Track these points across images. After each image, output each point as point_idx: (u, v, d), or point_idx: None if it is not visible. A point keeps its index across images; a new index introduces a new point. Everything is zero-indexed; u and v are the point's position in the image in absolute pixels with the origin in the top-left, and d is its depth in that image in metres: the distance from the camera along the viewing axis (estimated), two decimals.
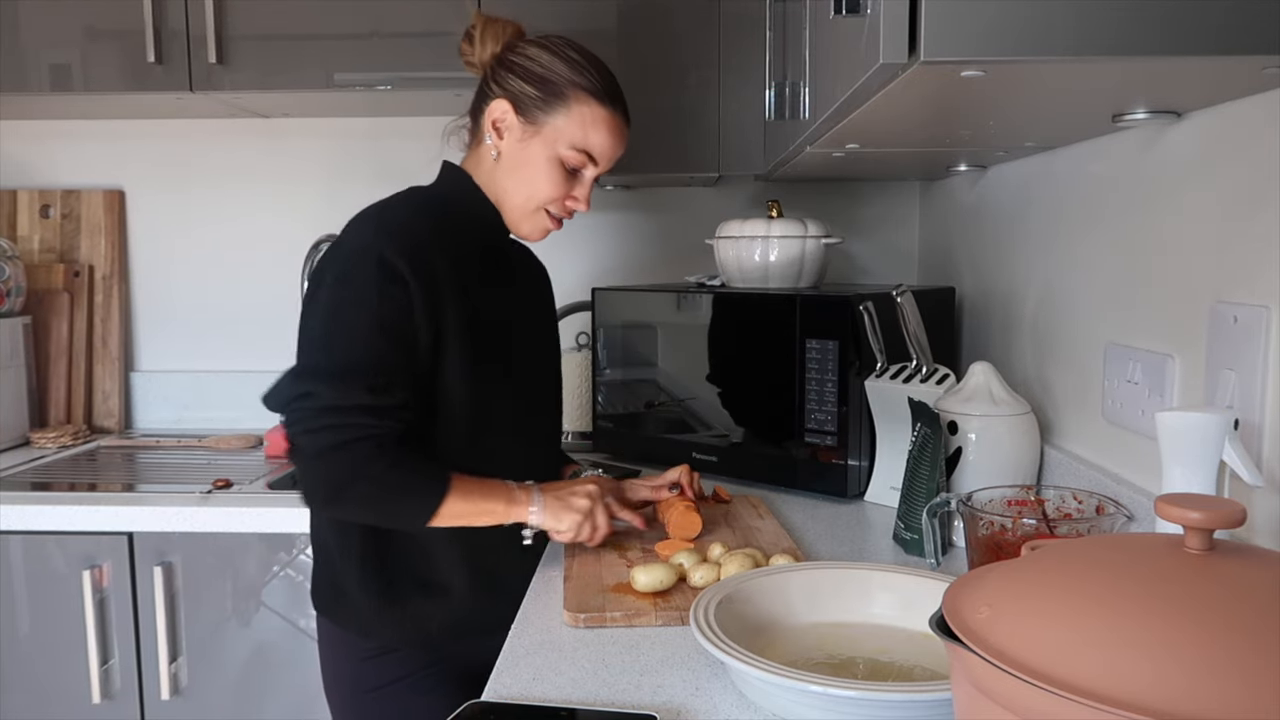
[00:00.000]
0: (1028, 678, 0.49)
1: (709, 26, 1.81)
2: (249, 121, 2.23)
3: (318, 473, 1.10)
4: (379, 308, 1.11)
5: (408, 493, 1.13)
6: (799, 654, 0.94)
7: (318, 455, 1.09)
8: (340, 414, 1.08)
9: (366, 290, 1.11)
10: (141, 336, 2.30)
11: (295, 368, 1.13)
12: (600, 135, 1.24)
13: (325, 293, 1.13)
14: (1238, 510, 0.56)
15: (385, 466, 1.10)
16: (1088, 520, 1.07)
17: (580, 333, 2.09)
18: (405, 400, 1.12)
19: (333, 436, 1.08)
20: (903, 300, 1.45)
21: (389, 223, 1.17)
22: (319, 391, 1.09)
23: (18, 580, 1.67)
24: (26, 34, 1.84)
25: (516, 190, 1.25)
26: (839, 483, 1.54)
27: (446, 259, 1.18)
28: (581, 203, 1.28)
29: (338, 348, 1.11)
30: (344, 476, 1.09)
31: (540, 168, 1.23)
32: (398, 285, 1.12)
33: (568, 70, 1.22)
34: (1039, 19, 0.72)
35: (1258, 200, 0.93)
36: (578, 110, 1.22)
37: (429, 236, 1.18)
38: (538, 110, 1.22)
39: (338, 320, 1.12)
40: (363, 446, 1.09)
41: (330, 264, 1.15)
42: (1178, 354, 1.08)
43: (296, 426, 1.10)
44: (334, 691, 1.28)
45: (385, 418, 1.10)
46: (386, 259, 1.12)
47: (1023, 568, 0.60)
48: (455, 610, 1.23)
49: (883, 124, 1.10)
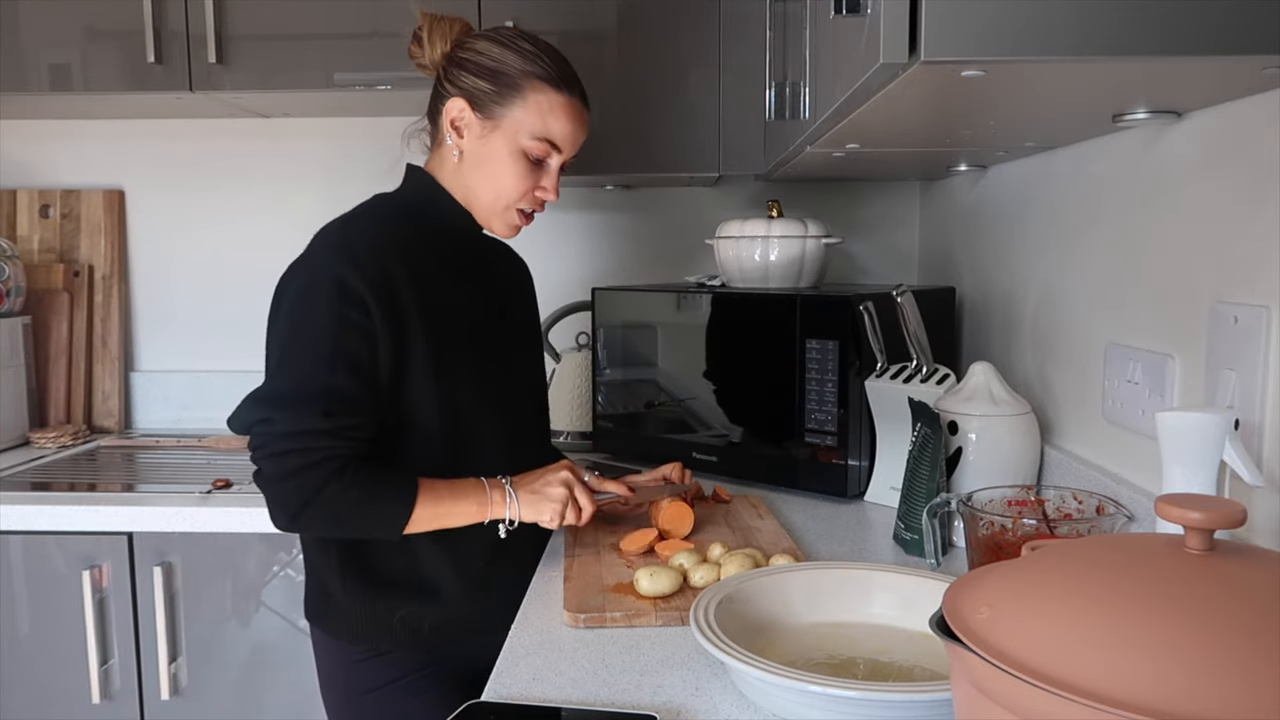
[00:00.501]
0: (1028, 678, 0.49)
1: (709, 26, 1.81)
2: (249, 121, 2.23)
3: (280, 495, 1.12)
4: (338, 333, 1.11)
5: (375, 505, 1.14)
6: (799, 654, 0.94)
7: (279, 479, 1.11)
8: (296, 439, 1.10)
9: (326, 315, 1.11)
10: (141, 336, 2.30)
11: (253, 393, 1.14)
12: (560, 122, 1.23)
13: (285, 315, 1.14)
14: (1238, 510, 0.56)
15: (346, 485, 1.11)
16: (1088, 520, 1.07)
17: (580, 333, 2.09)
18: (361, 423, 1.13)
19: (293, 461, 1.10)
20: (903, 300, 1.45)
21: (352, 242, 1.17)
22: (275, 417, 1.10)
23: (18, 580, 1.67)
24: (26, 34, 1.84)
25: (484, 188, 1.24)
26: (839, 483, 1.54)
27: (412, 272, 1.18)
28: (550, 192, 1.27)
29: (293, 374, 1.12)
30: (306, 497, 1.10)
31: (504, 162, 1.22)
32: (357, 310, 1.12)
33: (520, 60, 1.21)
34: (1039, 19, 0.72)
35: (1258, 200, 0.93)
36: (534, 99, 1.21)
37: (393, 251, 1.17)
38: (494, 104, 1.21)
39: (294, 345, 1.12)
40: (323, 468, 1.10)
41: (291, 282, 1.15)
42: (1178, 354, 1.08)
43: (258, 452, 1.12)
44: (329, 696, 1.28)
45: (343, 438, 1.11)
46: (347, 284, 1.12)
47: (1023, 568, 0.60)
48: (446, 611, 1.23)
49: (883, 124, 1.10)
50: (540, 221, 2.23)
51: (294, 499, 1.11)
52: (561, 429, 2.00)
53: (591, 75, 1.84)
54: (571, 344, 2.11)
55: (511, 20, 1.78)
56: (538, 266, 2.23)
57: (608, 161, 1.86)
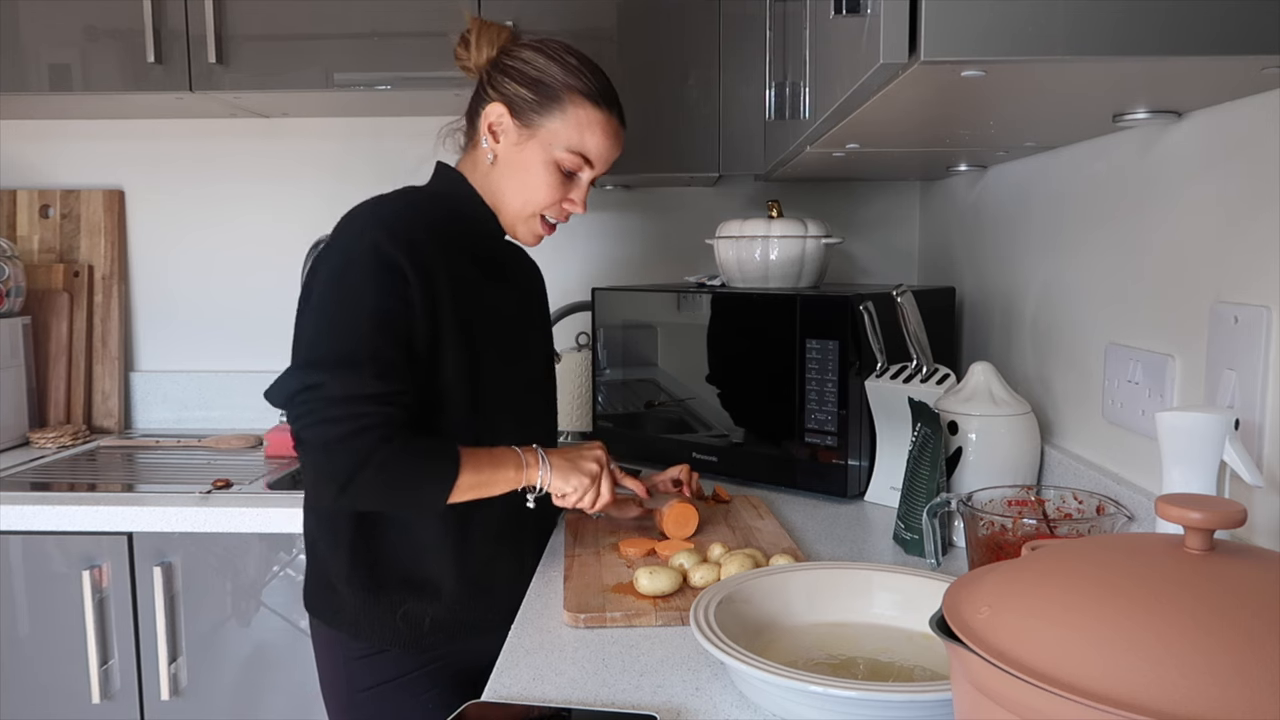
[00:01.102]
0: (1028, 678, 0.49)
1: (709, 26, 1.82)
2: (249, 121, 2.23)
3: (330, 464, 1.09)
4: (377, 299, 1.11)
5: (421, 474, 1.13)
6: (799, 654, 0.94)
7: (328, 446, 1.08)
8: (348, 404, 1.08)
9: (364, 282, 1.11)
10: (141, 336, 2.30)
11: (298, 360, 1.12)
12: (596, 138, 1.24)
13: (322, 286, 1.13)
14: (1238, 510, 0.56)
15: (395, 451, 1.10)
16: (1088, 520, 1.07)
17: (580, 333, 2.09)
18: (408, 389, 1.13)
19: (342, 427, 1.08)
20: (903, 300, 1.45)
21: (384, 216, 1.17)
22: (324, 382, 1.08)
23: (18, 580, 1.67)
24: (26, 34, 1.84)
25: (514, 194, 1.26)
26: (839, 483, 1.54)
27: (441, 254, 1.19)
28: (578, 205, 1.28)
29: (339, 338, 1.11)
30: (355, 465, 1.08)
31: (536, 171, 1.24)
32: (395, 276, 1.12)
33: (563, 73, 1.22)
34: (1039, 19, 0.72)
35: (1258, 200, 0.93)
36: (573, 113, 1.22)
37: (424, 231, 1.18)
38: (533, 113, 1.22)
39: (337, 312, 1.12)
40: (372, 435, 1.08)
41: (326, 259, 1.15)
42: (1178, 354, 1.08)
43: (304, 419, 1.09)
44: (329, 692, 1.28)
45: (391, 404, 1.10)
46: (383, 250, 1.12)
47: (1023, 568, 0.59)
48: (447, 610, 1.23)
49: (883, 124, 1.10)
50: None
51: (346, 466, 1.08)
52: (561, 429, 2.00)
53: None
54: (571, 344, 2.11)
55: (512, 20, 1.78)
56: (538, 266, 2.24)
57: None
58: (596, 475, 1.22)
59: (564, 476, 1.21)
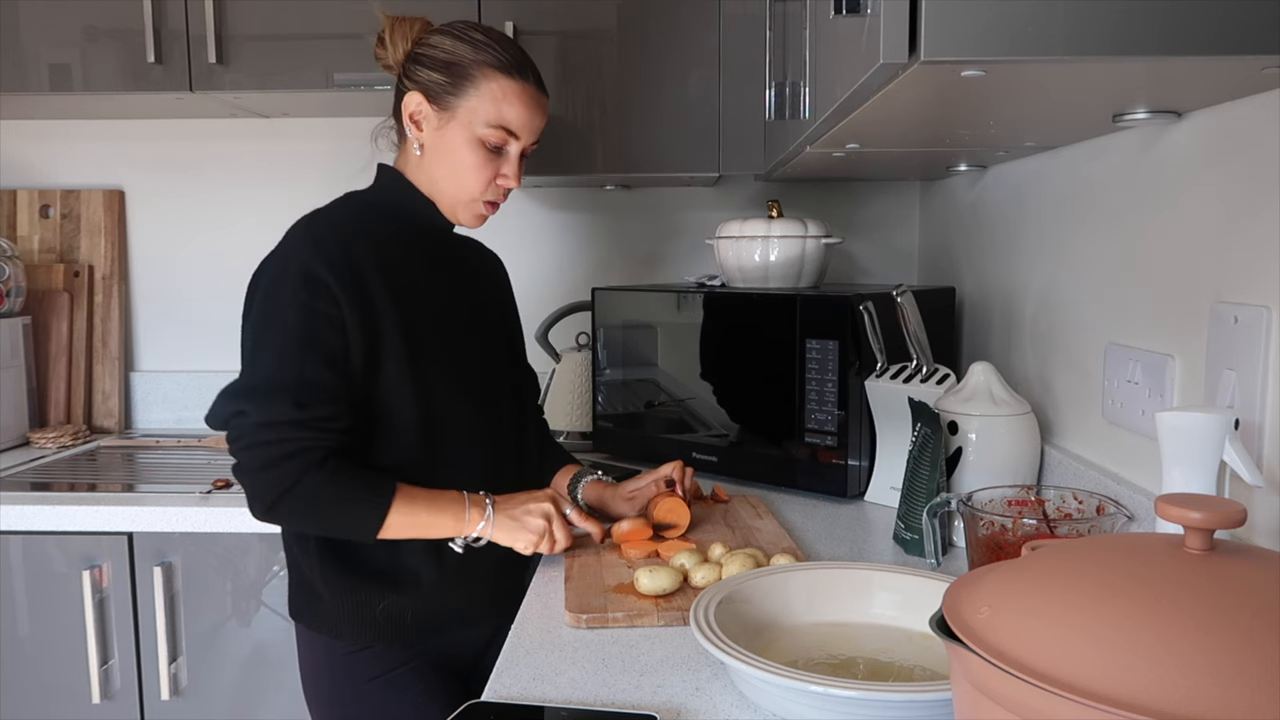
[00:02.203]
0: (1028, 678, 0.49)
1: (709, 26, 1.81)
2: (249, 121, 2.23)
3: (257, 486, 1.13)
4: (304, 323, 1.12)
5: (350, 505, 1.14)
6: (799, 654, 0.94)
7: (256, 469, 1.12)
8: (271, 429, 1.11)
9: (292, 306, 1.12)
10: (141, 336, 2.30)
11: (227, 387, 1.15)
12: (514, 108, 1.24)
13: (256, 308, 1.15)
14: (1238, 510, 0.56)
15: (322, 480, 1.12)
16: (1088, 520, 1.07)
17: (580, 333, 2.09)
18: (335, 413, 1.14)
19: (267, 452, 1.11)
20: (903, 300, 1.45)
21: (318, 234, 1.18)
22: (248, 409, 1.11)
23: (18, 580, 1.67)
24: (26, 34, 1.84)
25: (447, 180, 1.26)
26: (839, 483, 1.54)
27: (381, 261, 1.19)
28: (512, 179, 1.27)
29: (265, 366, 1.13)
30: (282, 489, 1.11)
31: (462, 152, 1.24)
32: (324, 300, 1.13)
33: (471, 50, 1.23)
34: (1039, 19, 0.72)
35: (1258, 200, 0.93)
36: (486, 87, 1.22)
37: (362, 241, 1.19)
38: (448, 95, 1.23)
39: (264, 337, 1.14)
40: (299, 460, 1.11)
41: (261, 278, 1.17)
42: (1178, 354, 1.08)
43: (235, 444, 1.13)
44: (314, 694, 1.27)
45: (317, 430, 1.12)
46: (313, 273, 1.13)
47: (1023, 568, 0.60)
48: (428, 601, 1.23)
49: (883, 124, 1.10)
50: (541, 221, 2.25)
51: (270, 490, 1.11)
52: (561, 429, 2.00)
53: (591, 75, 1.85)
54: (571, 344, 2.11)
55: (511, 21, 1.78)
56: (538, 266, 2.25)
57: (608, 161, 1.86)
58: (543, 530, 1.21)
59: (509, 533, 1.20)
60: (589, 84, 1.84)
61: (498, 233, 2.04)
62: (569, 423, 2.01)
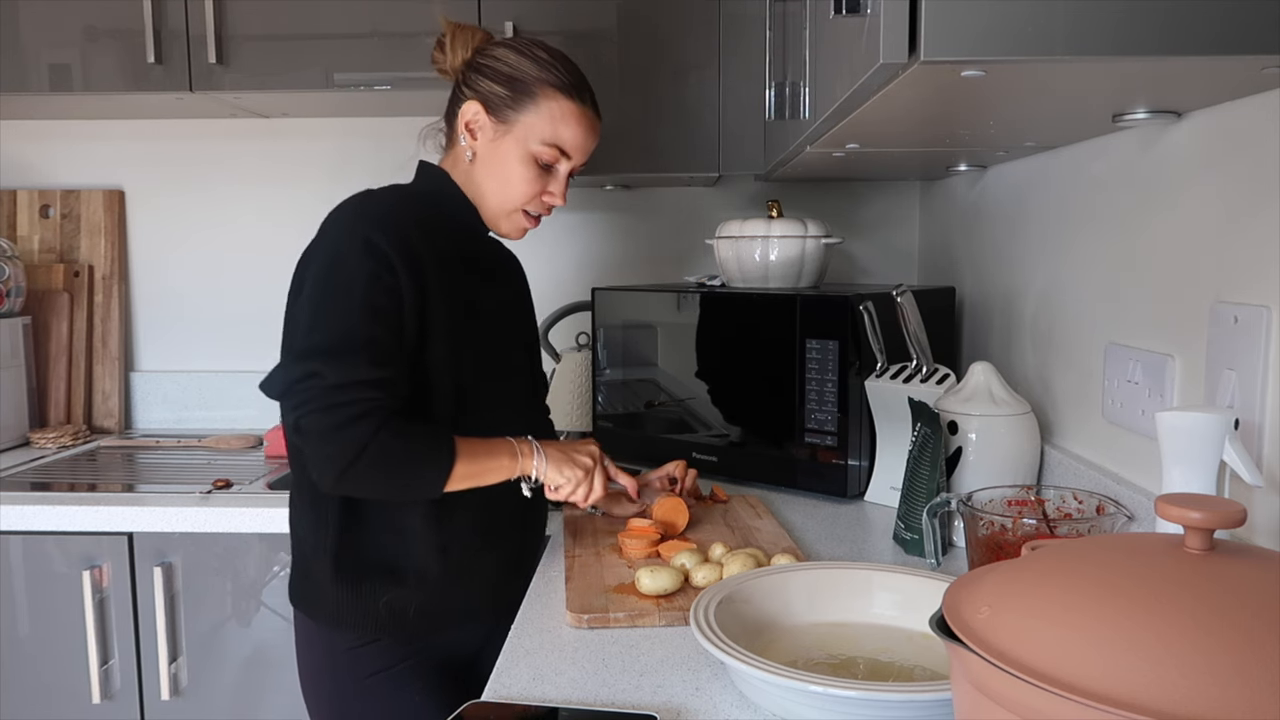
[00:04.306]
0: (1028, 678, 0.49)
1: (709, 26, 1.82)
2: (249, 121, 2.23)
3: (329, 450, 1.10)
4: (369, 289, 1.13)
5: (418, 460, 1.14)
6: (799, 654, 0.94)
7: (327, 433, 1.10)
8: (346, 390, 1.10)
9: (356, 273, 1.13)
10: (141, 336, 2.30)
11: (294, 350, 1.14)
12: (570, 129, 1.26)
13: (314, 279, 1.15)
14: (1238, 510, 0.56)
15: (392, 436, 1.11)
16: (1088, 520, 1.07)
17: (580, 333, 2.08)
18: (402, 376, 1.15)
19: (341, 414, 1.10)
20: (903, 300, 1.45)
21: (374, 211, 1.19)
22: (323, 370, 1.10)
23: (18, 580, 1.67)
24: (26, 34, 1.84)
25: (494, 190, 1.27)
26: (839, 483, 1.54)
27: (430, 250, 1.20)
28: (558, 197, 1.30)
29: (334, 327, 1.12)
30: (355, 451, 1.10)
31: (514, 165, 1.26)
32: (385, 268, 1.14)
33: (535, 68, 1.25)
34: (1039, 19, 0.72)
35: (1258, 200, 0.93)
36: (546, 106, 1.24)
37: (414, 226, 1.20)
38: (508, 109, 1.24)
39: (331, 303, 1.13)
40: (371, 420, 1.10)
41: (317, 252, 1.17)
42: (1178, 354, 1.08)
43: (304, 408, 1.11)
44: (312, 692, 1.27)
45: (388, 390, 1.12)
46: (373, 242, 1.14)
47: (1023, 568, 0.60)
48: (431, 595, 1.23)
49: (883, 124, 1.10)
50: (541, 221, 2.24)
51: (346, 452, 1.09)
52: (561, 429, 2.00)
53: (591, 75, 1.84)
54: (571, 344, 2.11)
55: (511, 21, 1.78)
56: (538, 266, 2.24)
57: (608, 161, 1.86)
58: (590, 469, 1.25)
59: (558, 468, 1.23)
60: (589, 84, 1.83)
61: None
62: (569, 423, 2.01)
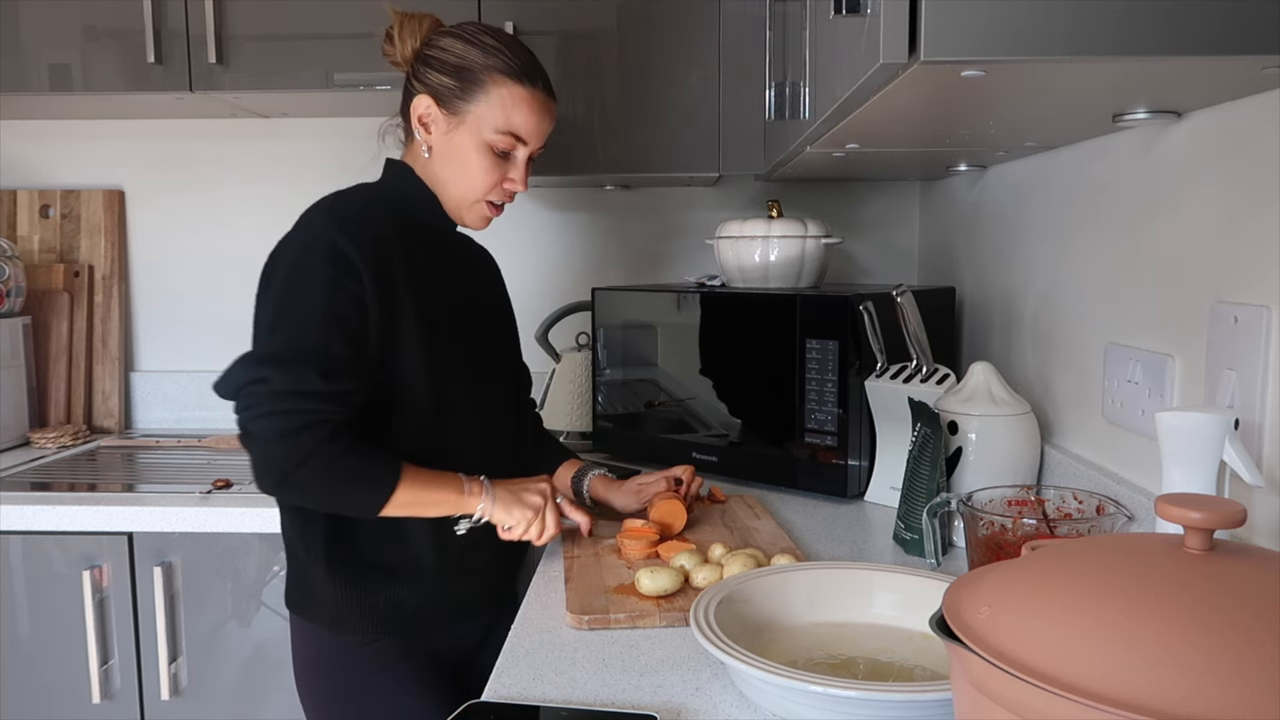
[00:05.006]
0: (1028, 678, 0.49)
1: (709, 26, 1.81)
2: (249, 121, 2.23)
3: (270, 456, 1.11)
4: (330, 296, 1.12)
5: (359, 479, 1.14)
6: (799, 654, 0.94)
7: (271, 439, 1.10)
8: (293, 399, 1.10)
9: (318, 279, 1.12)
10: (141, 336, 2.30)
11: (247, 354, 1.14)
12: (523, 114, 1.24)
13: (278, 282, 1.15)
14: (1238, 510, 0.56)
15: (337, 451, 1.11)
16: (1088, 520, 1.07)
17: (580, 333, 2.09)
18: (354, 389, 1.14)
19: (286, 421, 1.10)
20: (903, 300, 1.45)
21: (341, 213, 1.18)
22: (271, 377, 1.10)
23: (18, 580, 1.67)
24: (26, 34, 1.84)
25: (454, 182, 1.26)
26: (839, 483, 1.54)
27: (401, 251, 1.20)
28: (519, 184, 1.28)
29: (290, 334, 1.12)
30: (296, 460, 1.10)
31: (470, 156, 1.24)
32: (349, 275, 1.13)
33: (481, 55, 1.23)
34: (1039, 19, 0.72)
35: (1258, 200, 0.93)
36: (496, 93, 1.22)
37: (382, 226, 1.19)
38: (458, 100, 1.23)
39: (290, 308, 1.13)
40: (316, 431, 1.10)
41: (282, 254, 1.16)
42: (1178, 354, 1.08)
43: (249, 412, 1.11)
44: (310, 692, 1.27)
45: (337, 403, 1.12)
46: (339, 248, 1.13)
47: (1023, 568, 0.60)
48: (429, 592, 1.23)
49: (883, 124, 1.10)
50: (540, 221, 2.25)
51: (286, 460, 1.10)
52: (561, 429, 2.00)
53: (591, 75, 1.85)
54: (571, 344, 2.11)
55: (511, 21, 1.78)
56: (538, 266, 2.25)
57: (608, 161, 1.86)
58: (540, 508, 1.22)
59: (506, 509, 1.21)
60: (589, 84, 1.84)
61: (498, 232, 2.04)
62: (569, 423, 2.01)
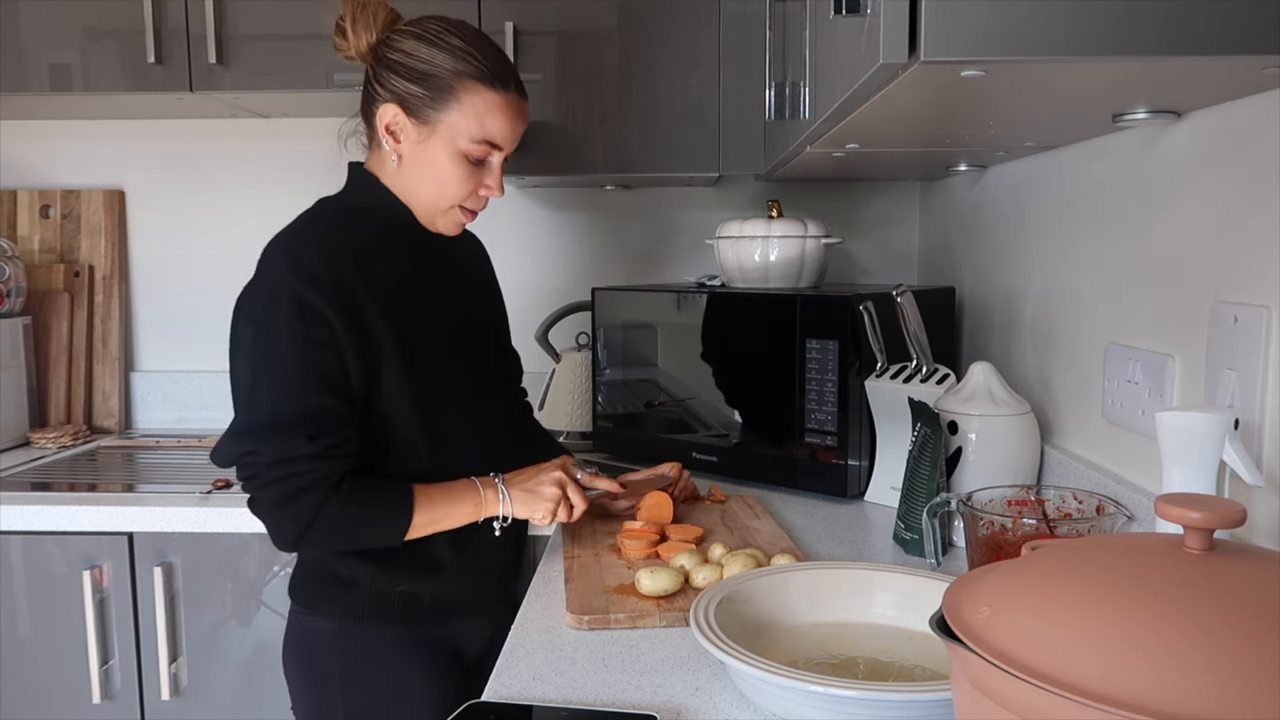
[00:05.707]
0: (1028, 678, 0.49)
1: (709, 26, 1.81)
2: (249, 121, 2.23)
3: (277, 523, 1.13)
4: (303, 353, 1.10)
5: (373, 519, 1.15)
6: (799, 654, 0.94)
7: (274, 505, 1.12)
8: (285, 465, 1.10)
9: (288, 336, 1.10)
10: (141, 336, 2.30)
11: (233, 427, 1.13)
12: (498, 121, 1.19)
13: (249, 343, 1.13)
14: (1238, 510, 0.56)
15: (342, 503, 1.12)
16: (1088, 520, 1.07)
17: (580, 333, 2.08)
18: (347, 438, 1.14)
19: (282, 489, 1.11)
20: (903, 300, 1.45)
21: (299, 255, 1.14)
22: (260, 449, 1.10)
23: (18, 580, 1.67)
24: (26, 34, 1.84)
25: (426, 192, 1.22)
26: (839, 483, 1.54)
27: (367, 275, 1.16)
28: (495, 189, 1.24)
29: (270, 402, 1.11)
30: (302, 523, 1.12)
31: (444, 167, 1.19)
32: (318, 325, 1.11)
33: (450, 60, 1.16)
34: (1038, 19, 0.72)
35: (1258, 200, 0.93)
36: (469, 101, 1.16)
37: (345, 258, 1.15)
38: (428, 109, 1.17)
39: (266, 373, 1.11)
40: (316, 490, 1.11)
41: (250, 310, 1.14)
42: (1178, 354, 1.08)
43: (250, 483, 1.13)
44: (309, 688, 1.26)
45: (330, 459, 1.12)
46: (303, 300, 1.10)
47: (1023, 568, 0.60)
48: (443, 586, 1.24)
49: (883, 124, 1.10)
50: (540, 221, 2.25)
51: (293, 525, 1.12)
52: (561, 429, 2.00)
53: (591, 75, 1.85)
54: (571, 344, 2.11)
55: (511, 21, 1.78)
56: (538, 267, 2.25)
57: (608, 161, 1.86)
58: (559, 496, 1.22)
59: (527, 505, 1.21)
60: (589, 84, 1.84)
61: (498, 233, 2.05)
62: (569, 423, 2.01)
